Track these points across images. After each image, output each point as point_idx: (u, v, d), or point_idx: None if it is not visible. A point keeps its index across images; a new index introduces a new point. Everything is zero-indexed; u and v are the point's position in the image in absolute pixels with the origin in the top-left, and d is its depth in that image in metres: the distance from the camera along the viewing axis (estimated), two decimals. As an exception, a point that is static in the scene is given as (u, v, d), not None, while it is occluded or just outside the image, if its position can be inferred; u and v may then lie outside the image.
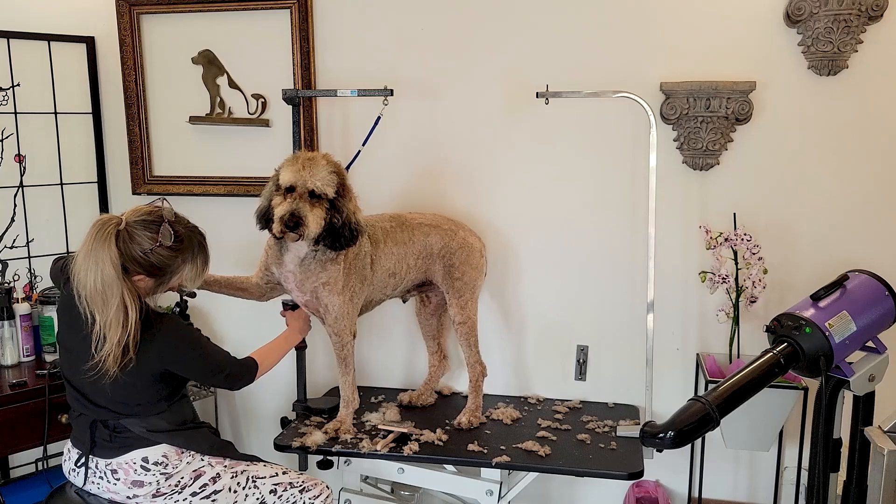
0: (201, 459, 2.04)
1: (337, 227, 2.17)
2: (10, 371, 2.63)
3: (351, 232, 2.19)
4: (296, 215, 2.10)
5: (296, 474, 2.15)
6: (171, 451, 1.99)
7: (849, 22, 2.35)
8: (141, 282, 1.90)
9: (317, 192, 2.13)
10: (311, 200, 2.13)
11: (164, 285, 1.95)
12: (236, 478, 2.06)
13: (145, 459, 1.95)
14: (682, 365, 2.70)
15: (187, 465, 2.01)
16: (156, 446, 1.97)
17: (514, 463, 2.29)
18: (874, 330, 1.83)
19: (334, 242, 2.19)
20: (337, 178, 2.18)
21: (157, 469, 1.96)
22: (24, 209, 2.88)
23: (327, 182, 2.14)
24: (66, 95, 2.96)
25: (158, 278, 1.92)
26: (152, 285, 1.93)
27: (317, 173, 2.13)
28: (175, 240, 1.89)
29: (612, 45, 2.58)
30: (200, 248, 1.98)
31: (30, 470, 2.78)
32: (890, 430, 1.83)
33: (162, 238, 1.87)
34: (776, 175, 2.55)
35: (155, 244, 1.86)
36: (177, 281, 1.97)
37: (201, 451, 2.04)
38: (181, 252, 1.92)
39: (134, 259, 1.86)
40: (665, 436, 1.69)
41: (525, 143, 2.70)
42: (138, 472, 1.95)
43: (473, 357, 2.54)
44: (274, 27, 2.79)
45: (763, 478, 2.70)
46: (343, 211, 2.18)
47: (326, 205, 2.16)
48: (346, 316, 2.33)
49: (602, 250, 2.70)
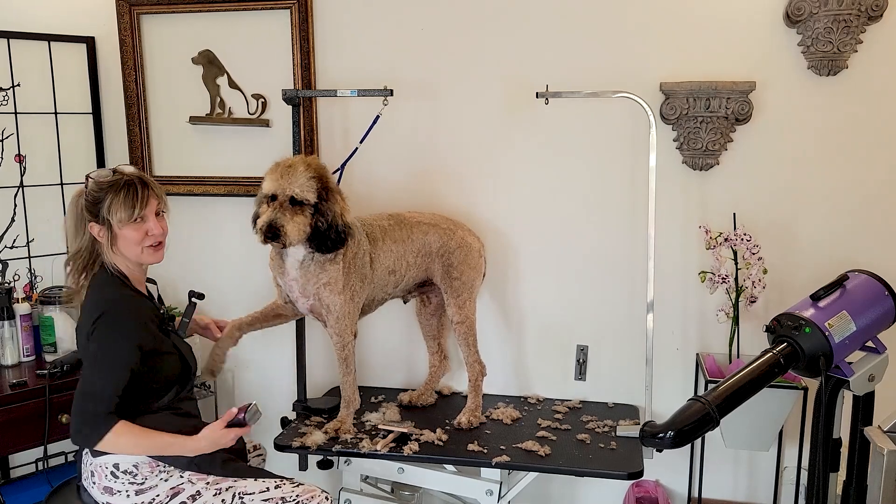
0: (180, 476, 1.94)
1: (322, 231, 2.19)
2: (11, 371, 2.63)
3: (338, 234, 2.20)
4: (273, 226, 2.13)
5: (291, 487, 1.98)
6: (145, 461, 1.92)
7: (848, 22, 2.35)
8: (94, 228, 1.95)
9: (297, 198, 2.15)
10: (292, 208, 2.16)
11: (105, 227, 1.94)
12: (220, 495, 1.94)
13: (116, 466, 1.91)
14: (681, 365, 2.71)
15: (163, 482, 1.92)
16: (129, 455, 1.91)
17: (514, 463, 2.29)
18: (874, 330, 1.83)
19: (321, 246, 2.21)
20: (317, 183, 2.18)
21: (125, 478, 1.90)
22: (24, 209, 2.88)
23: (307, 188, 2.16)
24: (67, 95, 2.96)
25: (99, 219, 1.94)
26: (104, 233, 1.94)
27: (295, 180, 2.15)
28: (109, 177, 1.96)
29: (612, 46, 2.58)
30: (126, 182, 1.96)
31: (30, 470, 2.78)
32: (890, 430, 1.84)
33: (91, 175, 1.96)
34: (776, 175, 2.55)
35: (87, 183, 1.95)
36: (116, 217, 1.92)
37: (179, 466, 1.95)
38: (110, 187, 1.94)
39: (82, 207, 1.95)
40: (665, 435, 1.70)
41: (525, 143, 2.70)
42: (108, 477, 1.91)
43: (472, 356, 2.54)
44: (274, 27, 2.79)
45: (763, 478, 2.71)
46: (327, 214, 2.19)
47: (310, 210, 2.18)
48: (347, 315, 2.34)
49: (602, 250, 2.70)
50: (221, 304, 2.95)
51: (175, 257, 2.96)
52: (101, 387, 1.84)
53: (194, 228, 3.00)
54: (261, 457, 2.38)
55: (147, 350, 1.91)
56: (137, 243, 1.96)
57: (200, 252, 2.99)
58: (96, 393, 1.84)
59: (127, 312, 1.91)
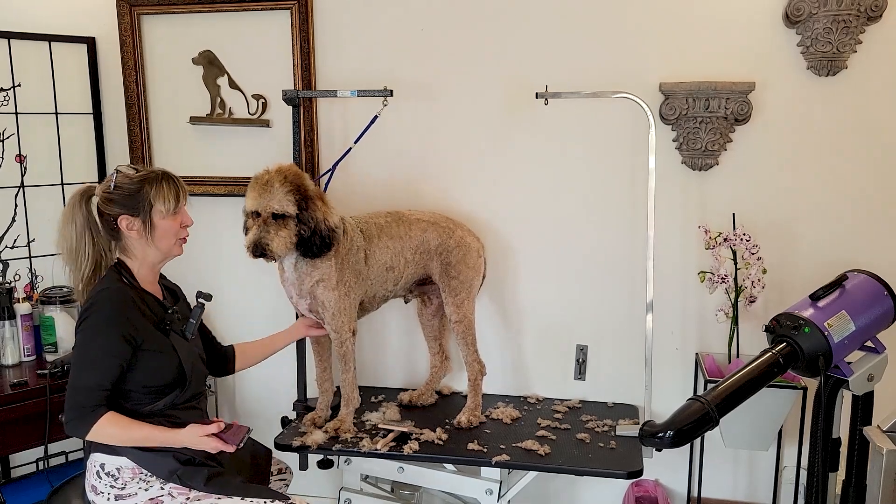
0: (161, 487, 1.89)
1: (307, 238, 2.24)
2: (11, 371, 2.63)
3: (322, 239, 2.25)
4: (259, 246, 2.20)
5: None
6: (128, 466, 1.89)
7: (848, 22, 2.35)
8: (124, 221, 1.92)
9: (278, 213, 2.21)
10: (275, 222, 2.22)
11: (149, 221, 1.93)
12: None
13: (102, 465, 1.90)
14: (681, 364, 2.71)
15: (143, 491, 1.89)
16: (116, 456, 1.89)
17: (514, 462, 2.29)
18: (873, 330, 1.84)
19: (307, 252, 2.26)
20: (295, 195, 2.22)
21: (108, 480, 1.89)
22: (24, 209, 2.89)
23: (286, 202, 2.21)
24: (67, 96, 2.96)
25: (136, 211, 1.92)
26: (139, 225, 1.93)
27: (273, 197, 2.20)
28: (134, 172, 1.95)
29: (612, 46, 2.58)
30: (163, 174, 1.97)
31: (30, 469, 2.79)
32: (889, 430, 1.84)
33: (120, 169, 1.95)
34: (775, 175, 2.55)
35: (115, 176, 1.94)
36: (158, 209, 1.93)
37: (161, 477, 1.89)
38: (145, 179, 1.93)
39: (108, 200, 1.92)
40: (664, 435, 1.70)
41: (524, 143, 2.70)
42: (93, 475, 1.91)
43: (471, 356, 2.55)
44: (274, 27, 2.80)
45: (762, 477, 2.71)
46: (309, 222, 2.23)
47: (293, 221, 2.23)
48: (342, 312, 2.35)
49: (601, 250, 2.71)
50: (222, 304, 2.95)
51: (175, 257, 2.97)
52: (87, 378, 1.83)
53: (194, 228, 2.98)
54: (283, 481, 2.31)
55: (136, 344, 1.86)
56: (175, 234, 2.00)
57: (201, 252, 2.99)
58: (83, 385, 1.83)
59: (111, 303, 1.86)
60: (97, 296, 1.88)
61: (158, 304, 1.99)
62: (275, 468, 2.29)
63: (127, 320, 1.86)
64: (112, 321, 1.84)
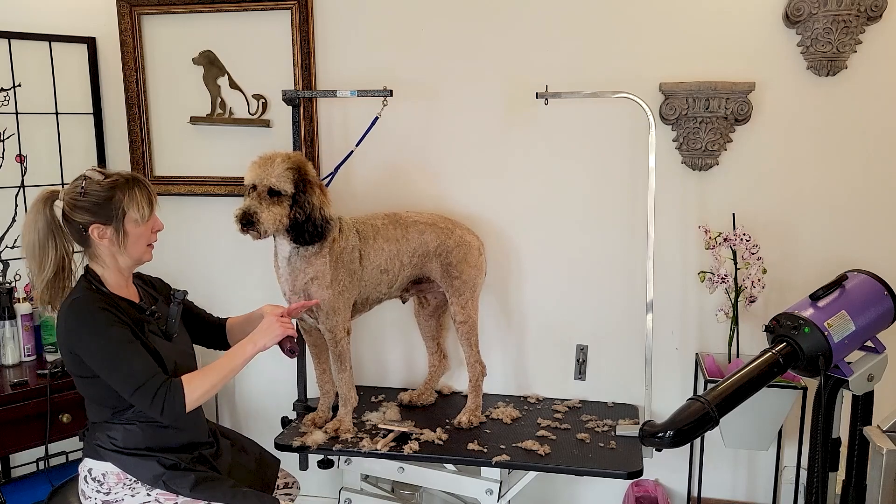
0: (147, 494, 1.86)
1: (301, 223, 2.21)
2: (12, 371, 2.63)
3: (315, 227, 2.22)
4: (248, 213, 2.16)
5: None
6: (113, 471, 1.87)
7: (848, 22, 2.35)
8: (95, 230, 1.85)
9: (275, 188, 2.18)
10: (270, 198, 2.19)
11: (121, 229, 1.87)
12: None
13: (90, 470, 1.89)
14: (681, 364, 2.71)
15: (129, 497, 1.86)
16: (101, 461, 1.87)
17: (514, 462, 2.29)
18: (873, 330, 1.84)
19: (298, 237, 2.23)
20: (294, 174, 2.21)
21: (94, 485, 1.88)
22: (25, 209, 2.88)
23: (283, 178, 2.19)
24: (67, 96, 2.96)
25: (108, 219, 1.85)
26: (111, 234, 1.86)
27: (273, 171, 2.19)
28: (103, 177, 1.87)
29: (612, 46, 2.58)
30: (133, 179, 1.90)
31: (31, 469, 2.79)
32: (889, 430, 1.84)
33: (88, 174, 1.87)
34: (775, 175, 2.55)
35: (83, 181, 1.86)
36: (132, 217, 1.87)
37: (147, 482, 1.86)
38: (115, 185, 1.86)
39: (77, 207, 1.84)
40: (664, 435, 1.70)
41: (524, 143, 2.70)
42: (82, 481, 1.91)
43: (474, 356, 2.55)
44: (274, 28, 2.80)
45: (762, 477, 2.71)
46: (305, 206, 2.21)
47: (288, 201, 2.20)
48: (337, 311, 2.34)
49: (601, 250, 2.71)
50: (222, 304, 2.95)
51: (175, 257, 2.97)
52: (134, 367, 1.78)
53: (195, 228, 3.01)
54: (289, 496, 2.25)
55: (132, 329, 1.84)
56: (147, 240, 1.94)
57: (201, 252, 3.00)
58: (139, 373, 1.78)
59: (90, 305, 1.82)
60: (75, 306, 1.82)
61: (134, 308, 1.94)
62: (282, 481, 2.25)
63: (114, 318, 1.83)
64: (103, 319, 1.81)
